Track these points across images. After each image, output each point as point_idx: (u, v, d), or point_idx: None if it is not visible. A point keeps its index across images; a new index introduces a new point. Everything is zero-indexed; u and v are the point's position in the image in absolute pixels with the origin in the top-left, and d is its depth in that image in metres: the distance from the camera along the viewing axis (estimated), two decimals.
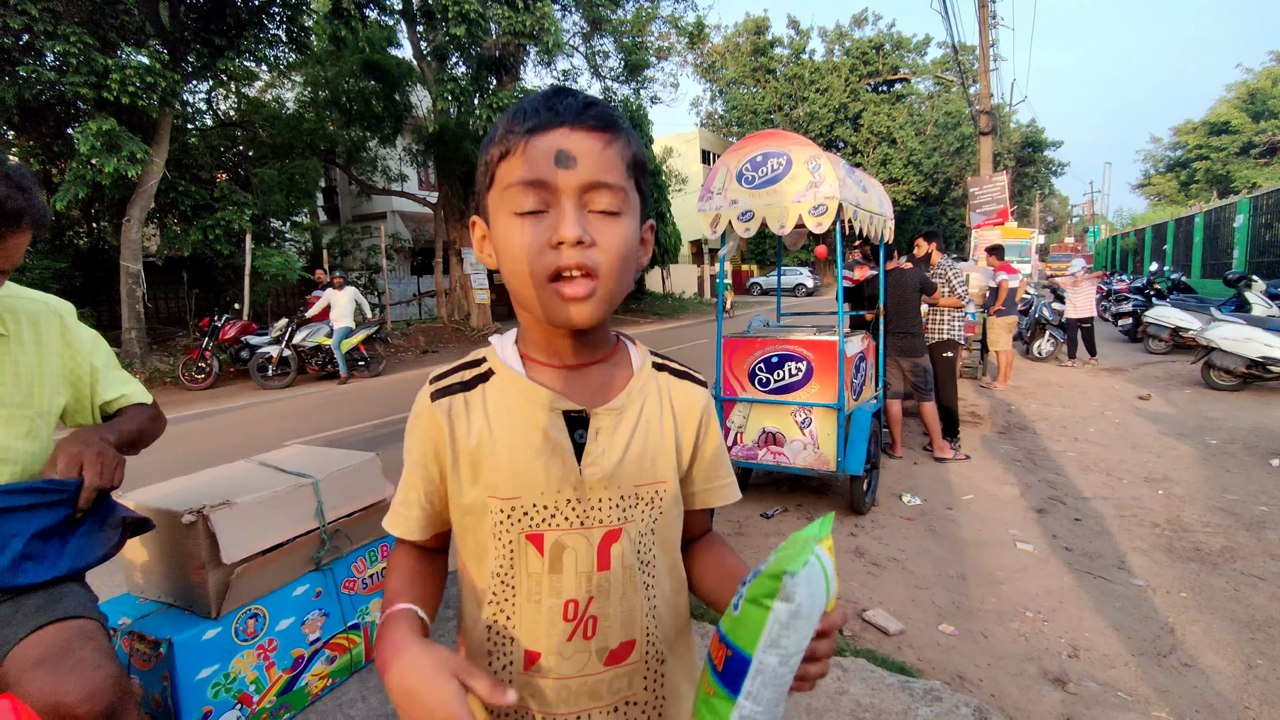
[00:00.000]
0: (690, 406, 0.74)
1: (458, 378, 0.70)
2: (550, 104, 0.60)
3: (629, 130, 0.64)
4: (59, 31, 7.55)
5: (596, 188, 0.59)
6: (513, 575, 0.66)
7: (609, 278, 0.60)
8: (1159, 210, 40.12)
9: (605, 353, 0.71)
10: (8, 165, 1.02)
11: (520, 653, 0.66)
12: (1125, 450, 4.82)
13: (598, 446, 0.66)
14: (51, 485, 1.07)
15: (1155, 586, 2.82)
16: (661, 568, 0.72)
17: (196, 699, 1.50)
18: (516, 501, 0.65)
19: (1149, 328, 9.23)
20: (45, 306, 1.24)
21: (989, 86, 13.26)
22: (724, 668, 0.55)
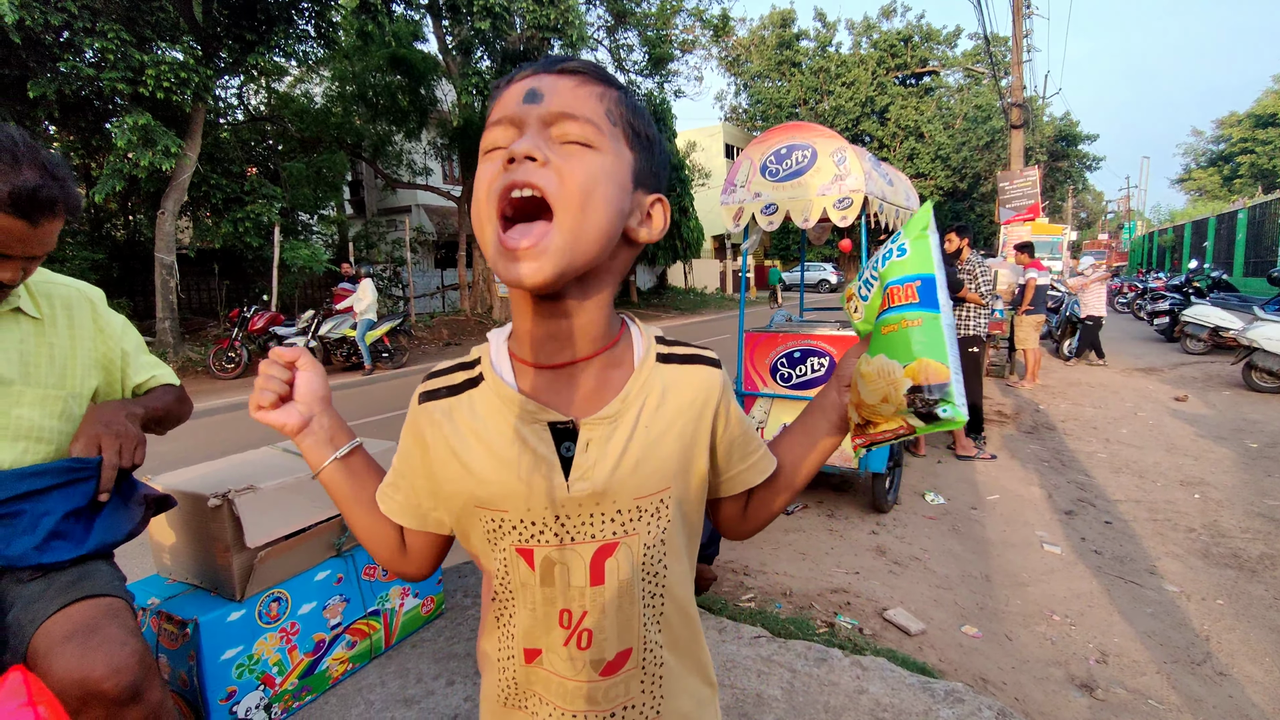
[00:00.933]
0: (704, 395, 0.67)
1: (446, 380, 0.67)
2: (535, 62, 0.59)
3: (621, 93, 0.60)
4: (97, 28, 7.74)
5: (563, 117, 0.55)
6: (509, 579, 0.65)
7: (567, 211, 0.53)
8: (1199, 206, 38.86)
9: (599, 347, 0.63)
10: (43, 154, 1.05)
11: (520, 649, 0.66)
12: (1160, 452, 4.68)
13: (587, 460, 0.61)
14: (76, 464, 1.10)
15: (1190, 593, 2.73)
16: (674, 575, 0.67)
17: (221, 679, 1.54)
18: (504, 515, 0.62)
19: (1186, 327, 8.94)
20: (77, 292, 1.28)
21: (1021, 78, 12.93)
22: (920, 297, 0.65)
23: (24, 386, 1.15)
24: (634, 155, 0.60)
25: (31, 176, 1.00)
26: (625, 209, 0.59)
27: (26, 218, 1.01)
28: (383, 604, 1.95)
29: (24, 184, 0.99)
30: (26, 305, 1.17)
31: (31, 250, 1.06)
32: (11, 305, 1.15)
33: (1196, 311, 8.84)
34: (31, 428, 1.15)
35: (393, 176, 15.05)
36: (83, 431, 1.13)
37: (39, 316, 1.19)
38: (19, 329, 1.16)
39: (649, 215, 0.63)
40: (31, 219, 1.02)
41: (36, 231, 1.04)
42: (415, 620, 2.07)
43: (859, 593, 2.77)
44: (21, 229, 1.01)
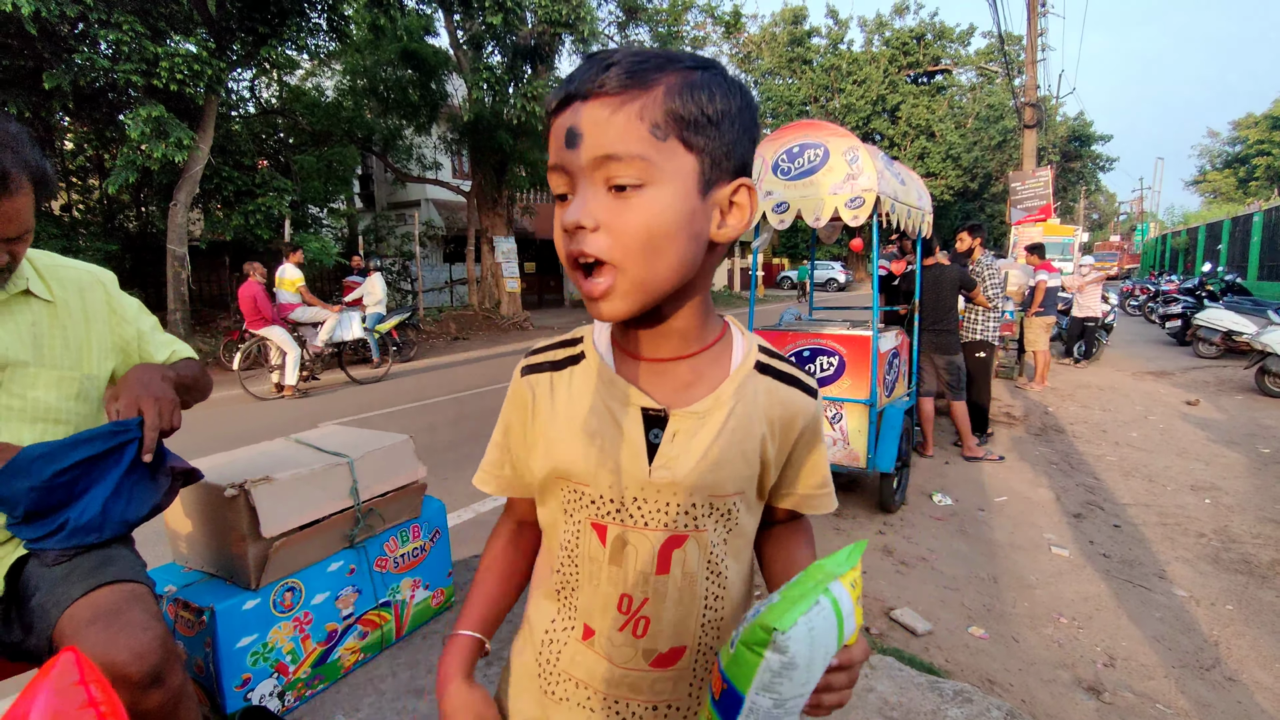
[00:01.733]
0: (792, 417, 0.68)
1: (549, 356, 0.70)
2: (570, 77, 0.56)
3: (673, 82, 0.54)
4: (113, 20, 7.79)
5: (606, 161, 0.53)
6: (577, 553, 0.66)
7: (629, 263, 0.54)
8: (1214, 208, 38.47)
9: (699, 346, 0.65)
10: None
11: (580, 624, 0.67)
12: (1170, 456, 4.65)
13: (672, 449, 0.62)
14: (119, 426, 1.08)
15: (1199, 598, 2.72)
16: (734, 575, 0.69)
17: (236, 666, 1.56)
18: (585, 489, 0.64)
19: (1199, 330, 8.87)
20: (89, 275, 1.28)
21: (1035, 78, 12.82)
22: (720, 698, 0.54)
23: (39, 369, 1.15)
24: (696, 157, 0.56)
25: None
26: (696, 228, 0.57)
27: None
28: (394, 595, 1.97)
29: None
30: (37, 287, 1.17)
31: (3, 231, 1.01)
32: (20, 287, 1.14)
33: (1209, 315, 8.77)
34: (48, 409, 1.16)
35: (403, 170, 15.09)
36: (122, 392, 1.11)
37: (51, 299, 1.19)
38: (31, 311, 1.16)
39: (731, 206, 0.59)
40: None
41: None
42: (426, 612, 2.09)
43: (866, 592, 2.77)
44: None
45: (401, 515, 2.00)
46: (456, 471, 4.24)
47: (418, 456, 2.06)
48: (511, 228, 14.42)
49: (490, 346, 11.64)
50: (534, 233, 18.85)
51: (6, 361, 1.11)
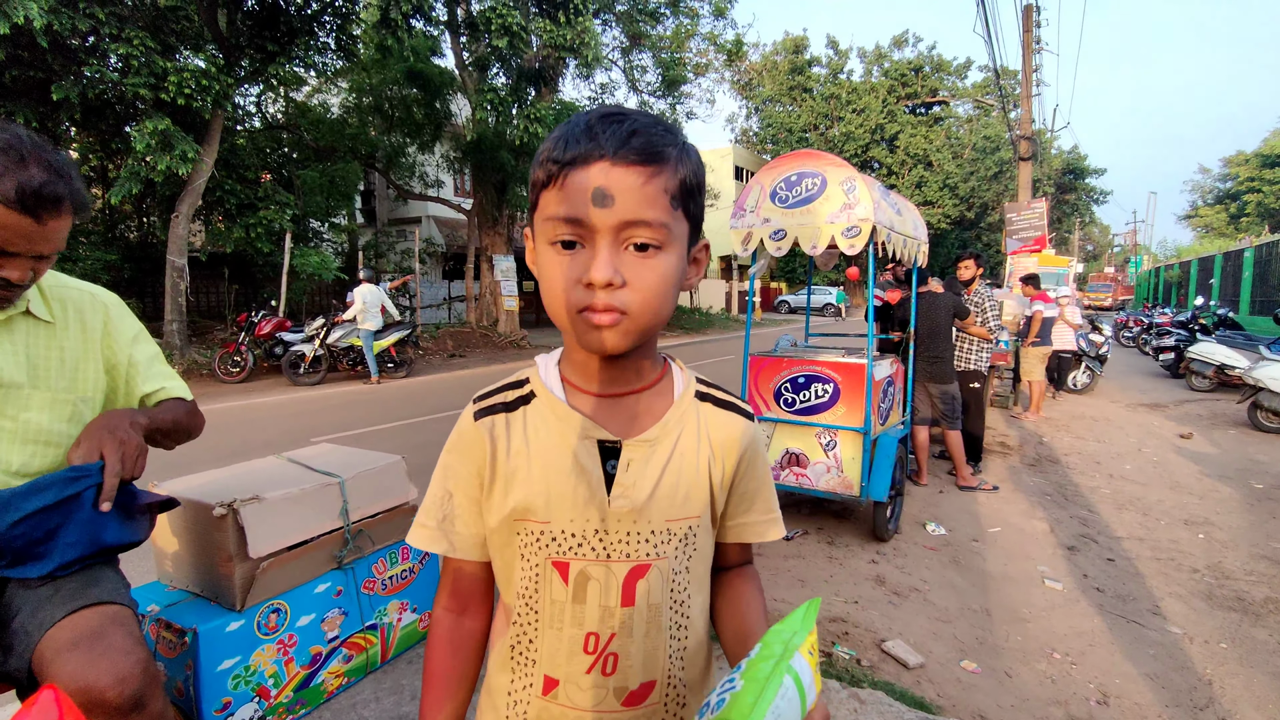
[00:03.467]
0: (731, 439, 0.71)
1: (500, 398, 0.70)
2: (592, 132, 0.57)
3: (679, 155, 0.60)
4: (124, 34, 7.91)
5: (634, 225, 0.57)
6: (536, 599, 0.66)
7: (640, 315, 0.59)
8: (1206, 243, 38.95)
9: (646, 382, 0.69)
10: (50, 153, 1.05)
11: (540, 676, 0.66)
12: (1163, 490, 4.65)
13: (628, 478, 0.65)
14: (76, 471, 1.07)
15: (1193, 635, 2.70)
16: (696, 606, 0.70)
17: (217, 689, 1.53)
18: (546, 526, 0.65)
19: (1192, 364, 8.93)
20: (90, 296, 1.28)
21: (1030, 111, 13.06)
22: None
23: (32, 390, 1.15)
24: (689, 222, 0.62)
25: (37, 174, 1.01)
26: (681, 281, 0.63)
27: (32, 214, 1.01)
28: (380, 618, 1.94)
29: (29, 180, 0.99)
30: (38, 308, 1.18)
31: (38, 248, 1.05)
32: (21, 308, 1.15)
33: (1202, 349, 8.83)
34: (40, 431, 1.15)
35: (405, 187, 15.22)
36: (84, 437, 1.11)
37: (50, 320, 1.19)
38: (29, 332, 1.17)
39: (695, 260, 0.66)
40: (37, 216, 1.02)
41: (43, 229, 1.04)
42: (412, 635, 2.07)
43: (857, 622, 2.75)
44: (27, 226, 1.01)
45: (391, 537, 1.99)
46: None
47: (410, 477, 2.05)
48: (511, 246, 14.50)
49: (487, 364, 11.63)
50: None
51: (2, 382, 1.11)
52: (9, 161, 0.99)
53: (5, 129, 1.02)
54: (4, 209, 0.99)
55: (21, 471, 1.13)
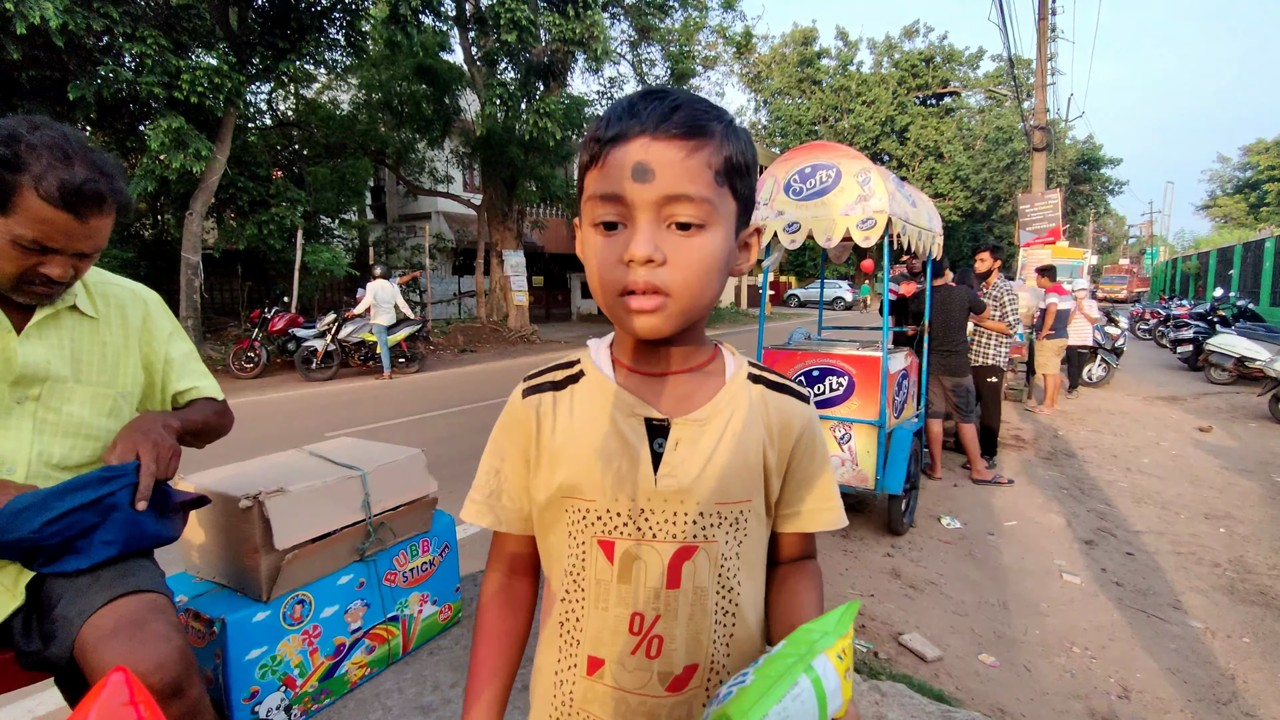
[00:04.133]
0: (786, 422, 0.69)
1: (550, 377, 0.71)
2: (634, 109, 0.57)
3: (724, 131, 0.59)
4: (138, 34, 7.97)
5: (676, 200, 0.56)
6: (583, 577, 0.66)
7: (682, 295, 0.58)
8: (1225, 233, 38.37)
9: (696, 362, 0.68)
10: (94, 152, 1.07)
11: (584, 656, 0.66)
12: (1183, 484, 4.60)
13: (676, 457, 0.64)
14: (112, 471, 1.09)
15: (1215, 629, 2.68)
16: (747, 595, 0.68)
17: (245, 678, 1.56)
18: (591, 505, 0.65)
19: (1211, 356, 8.82)
20: (132, 293, 1.31)
21: (1045, 101, 12.89)
22: None
23: (75, 384, 1.17)
24: (736, 204, 0.61)
25: (81, 171, 1.02)
26: (729, 264, 0.62)
27: (74, 212, 1.02)
28: (402, 610, 1.96)
29: (72, 178, 1.01)
30: (83, 304, 1.20)
31: (79, 246, 1.07)
32: (68, 303, 1.17)
33: (1222, 341, 8.71)
34: (81, 424, 1.17)
35: (414, 183, 15.26)
36: (120, 439, 1.14)
37: (94, 316, 1.21)
38: (74, 327, 1.19)
39: (746, 245, 0.65)
40: (79, 214, 1.03)
41: (84, 227, 1.05)
42: (433, 627, 2.09)
43: (874, 615, 2.75)
44: (69, 223, 1.03)
45: (412, 529, 2.00)
46: (462, 485, 4.22)
47: (429, 471, 2.06)
48: (521, 241, 14.53)
49: (497, 359, 11.67)
50: (543, 247, 18.97)
51: (48, 375, 1.13)
52: (53, 159, 1.00)
53: (51, 127, 1.03)
54: (47, 205, 1.00)
55: (62, 464, 1.15)
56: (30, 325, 1.12)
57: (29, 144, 0.99)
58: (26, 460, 1.11)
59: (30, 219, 1.00)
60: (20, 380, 1.11)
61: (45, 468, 1.13)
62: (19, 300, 1.10)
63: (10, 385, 1.10)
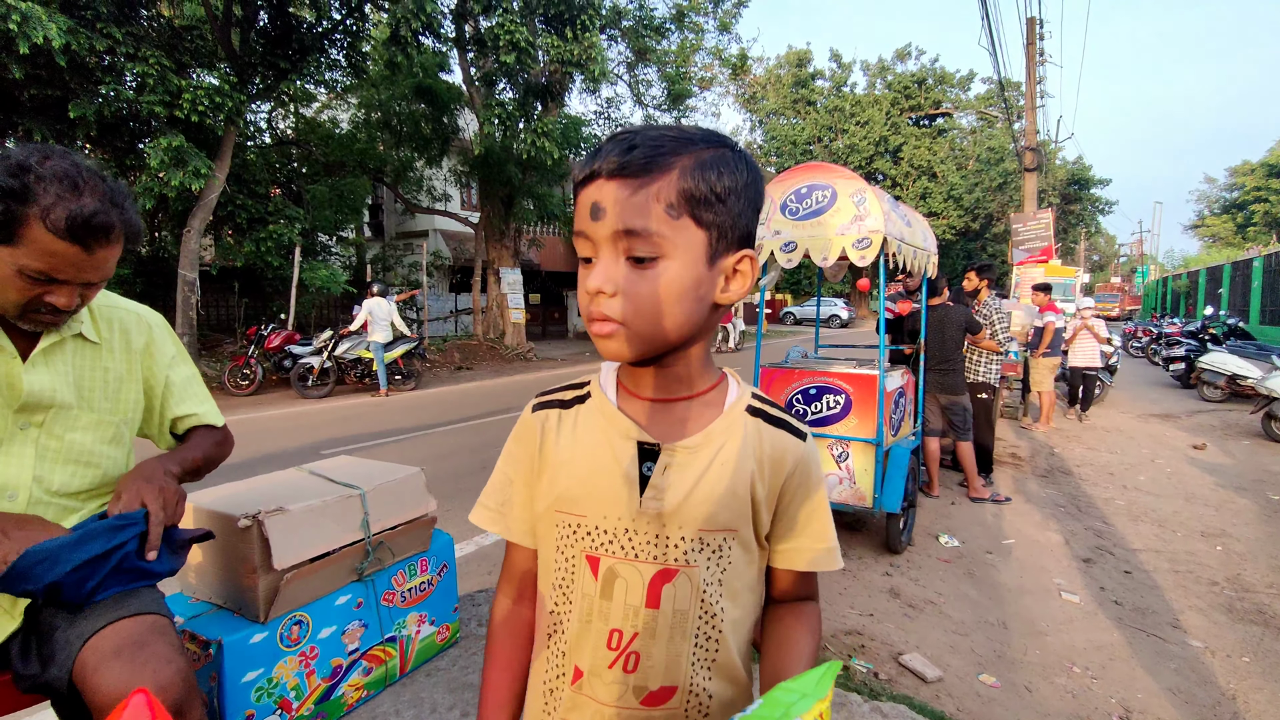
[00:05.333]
0: (778, 457, 0.70)
1: (559, 395, 0.75)
2: (594, 154, 0.61)
3: (689, 164, 0.59)
4: (139, 54, 8.05)
5: (626, 235, 0.59)
6: (571, 590, 0.68)
7: (635, 323, 0.60)
8: (1213, 253, 38.84)
9: (696, 390, 0.69)
10: (105, 182, 1.07)
11: (570, 666, 0.68)
12: (1179, 501, 4.61)
13: (663, 481, 0.66)
14: (122, 520, 1.08)
15: (1214, 649, 2.67)
16: (729, 621, 0.69)
17: (241, 701, 1.54)
18: (582, 519, 0.68)
19: (1203, 374, 8.88)
20: (136, 317, 1.30)
21: (1035, 123, 13.11)
22: None
23: (80, 411, 1.17)
24: (706, 233, 0.61)
25: (90, 203, 1.02)
26: (701, 292, 0.62)
27: (81, 244, 1.02)
28: (400, 630, 1.94)
29: (80, 210, 1.00)
30: (88, 330, 1.20)
31: (86, 276, 1.07)
32: (73, 330, 1.17)
33: (1213, 359, 8.78)
34: (83, 451, 1.17)
35: (412, 201, 15.35)
36: (123, 488, 1.13)
37: (98, 341, 1.21)
38: (78, 354, 1.19)
39: (735, 273, 0.64)
40: (86, 245, 1.03)
41: (92, 258, 1.05)
42: (431, 648, 2.07)
43: (873, 635, 2.73)
44: (76, 255, 1.02)
45: (410, 548, 1.99)
46: (458, 502, 4.21)
47: (428, 489, 2.06)
48: (518, 260, 14.59)
49: (494, 377, 11.66)
50: (540, 265, 19.05)
51: (53, 402, 1.13)
52: (62, 190, 1.00)
53: (64, 157, 1.03)
54: (54, 238, 1.00)
55: (62, 490, 1.15)
56: (36, 352, 1.12)
57: (38, 175, 0.99)
58: (27, 487, 1.11)
59: (37, 250, 1.00)
60: (25, 407, 1.11)
61: (45, 494, 1.13)
62: (25, 328, 1.10)
63: (15, 412, 1.10)
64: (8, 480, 1.09)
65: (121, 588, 1.08)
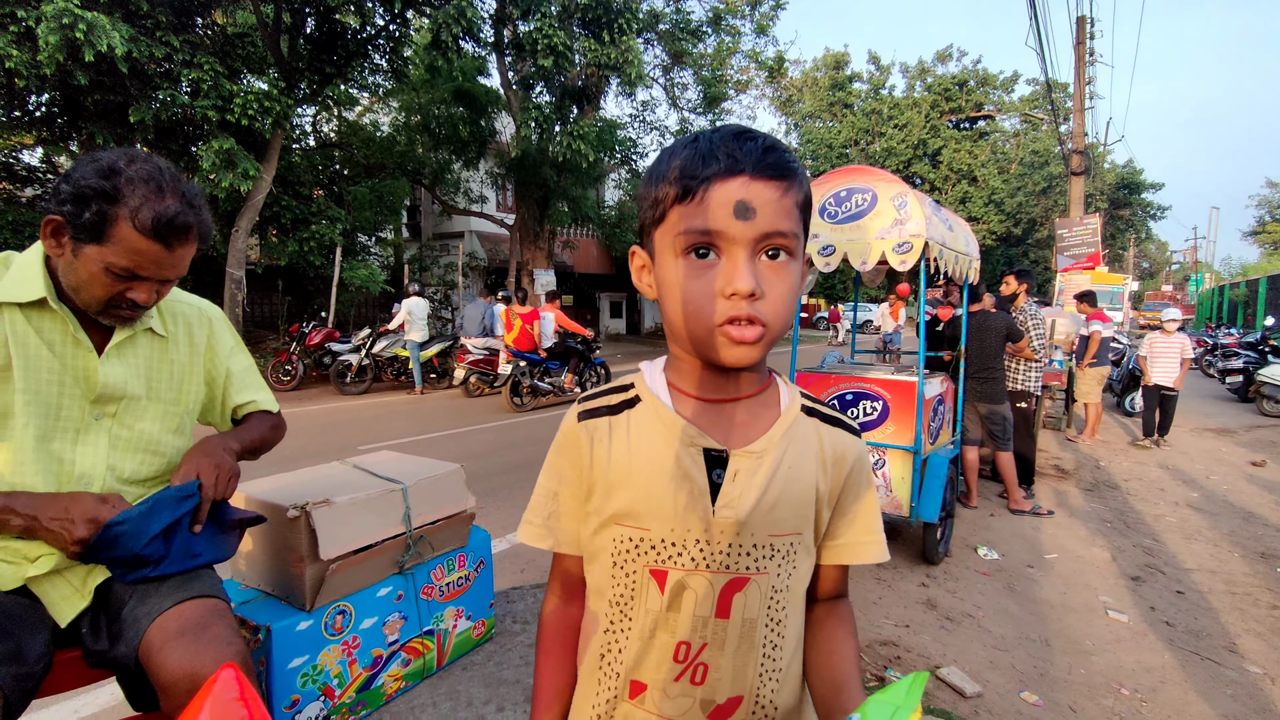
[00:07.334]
0: (840, 456, 0.70)
1: (605, 401, 0.71)
2: (730, 149, 0.59)
3: (802, 171, 0.62)
4: (195, 60, 8.38)
5: (771, 236, 0.59)
6: (631, 606, 0.66)
7: (774, 324, 0.60)
8: (1275, 260, 37.03)
9: (754, 390, 0.69)
10: (184, 185, 1.13)
11: (627, 683, 0.67)
12: (1236, 520, 4.40)
13: (734, 489, 0.64)
14: (182, 491, 1.16)
15: (1274, 675, 2.54)
16: (792, 627, 0.69)
17: (287, 686, 1.58)
18: (646, 533, 0.65)
19: (1263, 387, 8.48)
20: (198, 311, 1.37)
21: (1083, 125, 12.71)
22: None
23: (148, 402, 1.23)
24: (804, 233, 0.64)
25: (172, 204, 1.08)
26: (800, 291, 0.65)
27: (164, 242, 1.08)
28: (437, 624, 1.98)
29: (165, 210, 1.07)
30: (156, 325, 1.26)
31: (165, 274, 1.13)
32: (145, 325, 1.23)
33: (1274, 371, 8.39)
34: (150, 441, 1.23)
35: (450, 203, 15.63)
36: (184, 462, 1.21)
37: (164, 335, 1.27)
38: (148, 347, 1.25)
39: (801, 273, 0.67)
40: (168, 244, 1.09)
41: (171, 256, 1.11)
42: (467, 643, 2.10)
43: (909, 647, 2.67)
44: (159, 253, 1.09)
45: (449, 544, 2.03)
46: (492, 501, 4.27)
47: (467, 486, 2.09)
48: (551, 261, 14.74)
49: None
50: (573, 267, 19.19)
51: (124, 394, 1.19)
52: (148, 192, 1.06)
53: (147, 160, 1.10)
54: (140, 236, 1.06)
55: (132, 478, 1.21)
56: (110, 346, 1.18)
57: (127, 177, 1.05)
58: (102, 475, 1.17)
59: (124, 249, 1.06)
60: (100, 398, 1.17)
61: (117, 482, 1.19)
62: (104, 322, 1.16)
63: (91, 403, 1.16)
64: (85, 469, 1.15)
65: (182, 567, 1.13)
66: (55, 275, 1.12)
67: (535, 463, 4.02)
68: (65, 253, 1.07)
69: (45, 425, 1.11)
